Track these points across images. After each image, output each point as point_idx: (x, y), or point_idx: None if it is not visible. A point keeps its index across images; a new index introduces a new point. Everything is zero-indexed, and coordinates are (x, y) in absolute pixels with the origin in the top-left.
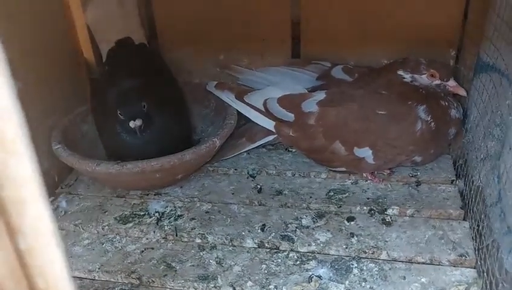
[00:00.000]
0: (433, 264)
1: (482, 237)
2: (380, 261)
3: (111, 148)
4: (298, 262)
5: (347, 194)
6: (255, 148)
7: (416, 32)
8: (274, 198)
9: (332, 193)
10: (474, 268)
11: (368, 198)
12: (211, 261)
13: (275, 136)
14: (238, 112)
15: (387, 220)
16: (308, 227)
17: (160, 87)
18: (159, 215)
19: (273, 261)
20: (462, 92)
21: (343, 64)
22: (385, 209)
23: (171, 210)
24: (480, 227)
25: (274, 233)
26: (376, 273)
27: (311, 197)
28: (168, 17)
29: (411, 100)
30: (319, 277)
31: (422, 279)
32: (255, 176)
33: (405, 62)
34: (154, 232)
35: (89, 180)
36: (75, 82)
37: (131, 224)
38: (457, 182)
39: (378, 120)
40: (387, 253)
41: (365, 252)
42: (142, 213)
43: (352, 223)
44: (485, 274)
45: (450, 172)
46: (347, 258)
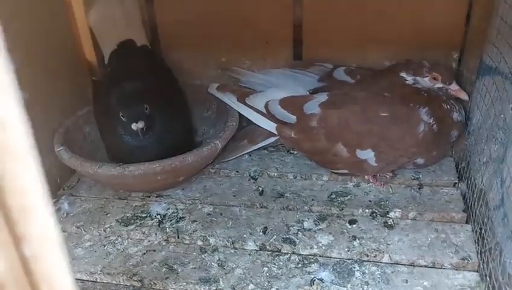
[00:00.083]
0: (435, 267)
1: (485, 241)
2: (382, 264)
3: (113, 150)
4: (300, 265)
5: (349, 196)
6: (257, 150)
7: (418, 34)
8: (276, 200)
9: (334, 196)
10: (476, 272)
11: (370, 201)
12: (213, 263)
13: (277, 138)
14: (240, 114)
15: (389, 223)
16: (310, 230)
17: (162, 89)
18: (161, 217)
19: (274, 264)
20: (464, 96)
21: (345, 66)
22: (387, 212)
23: (173, 212)
24: (482, 230)
25: (276, 236)
26: (378, 276)
27: (313, 199)
28: (170, 19)
29: (413, 102)
30: (321, 280)
31: (424, 282)
32: (257, 178)
33: (407, 64)
34: (155, 234)
35: (91, 182)
36: (78, 84)
37: (133, 226)
38: (459, 185)
39: (380, 122)
40: (389, 256)
41: (367, 255)
42: (144, 215)
43: (354, 226)
44: (488, 278)
45: (453, 175)
46: (349, 261)
